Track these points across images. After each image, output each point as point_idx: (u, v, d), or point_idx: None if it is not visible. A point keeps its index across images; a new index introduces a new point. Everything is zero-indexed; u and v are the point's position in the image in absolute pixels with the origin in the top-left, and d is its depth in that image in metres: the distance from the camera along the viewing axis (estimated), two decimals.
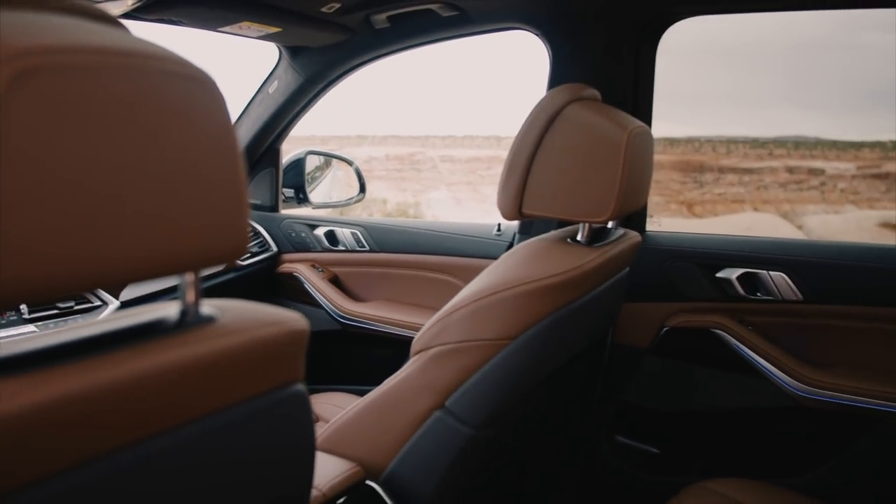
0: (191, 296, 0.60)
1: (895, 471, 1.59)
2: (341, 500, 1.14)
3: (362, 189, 2.28)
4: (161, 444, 0.55)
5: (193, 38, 1.69)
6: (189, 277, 0.60)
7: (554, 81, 1.76)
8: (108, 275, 0.48)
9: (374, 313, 2.02)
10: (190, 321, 0.60)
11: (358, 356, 2.12)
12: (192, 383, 0.56)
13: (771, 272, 1.67)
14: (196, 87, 0.53)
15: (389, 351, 2.01)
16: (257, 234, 2.21)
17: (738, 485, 1.51)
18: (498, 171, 1.28)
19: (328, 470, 1.17)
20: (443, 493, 1.20)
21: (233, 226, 0.57)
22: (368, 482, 1.19)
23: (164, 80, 0.50)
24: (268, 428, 0.66)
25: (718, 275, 1.72)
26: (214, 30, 1.67)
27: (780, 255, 1.68)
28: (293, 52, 2.03)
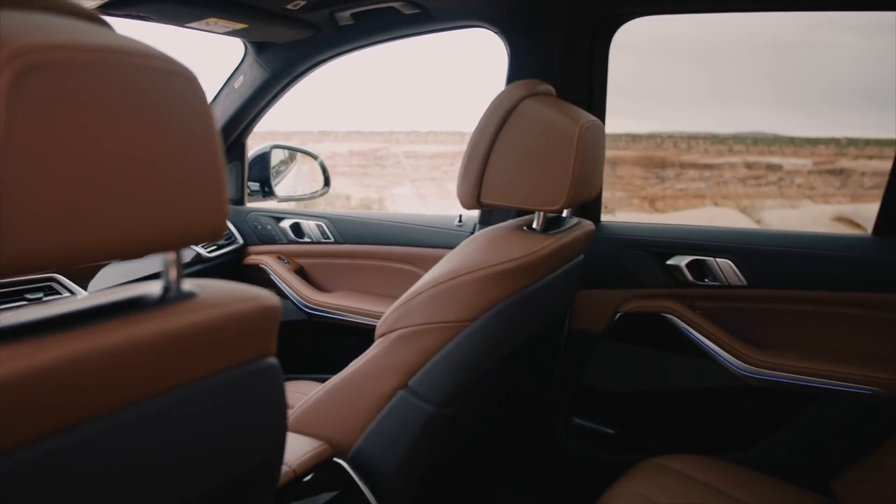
0: (173, 273, 0.65)
1: (832, 443, 1.70)
2: (310, 476, 1.20)
3: (327, 183, 2.33)
4: (146, 409, 0.60)
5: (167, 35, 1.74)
6: (171, 256, 0.65)
7: (512, 77, 1.84)
8: (98, 251, 0.53)
9: (340, 303, 2.08)
10: (172, 297, 0.64)
11: (324, 345, 2.17)
12: (175, 353, 0.61)
13: (718, 259, 1.77)
14: (179, 81, 0.58)
15: (355, 339, 2.07)
16: None
17: (687, 460, 1.61)
18: None
19: (298, 448, 1.23)
20: (407, 469, 1.27)
21: (212, 208, 0.62)
22: (336, 459, 1.25)
23: (151, 76, 0.55)
24: (244, 397, 0.72)
25: (669, 262, 1.82)
26: (182, 25, 1.71)
27: (726, 243, 1.79)
28: (259, 47, 2.07)
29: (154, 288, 0.65)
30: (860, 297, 1.69)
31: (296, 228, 2.25)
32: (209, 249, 2.15)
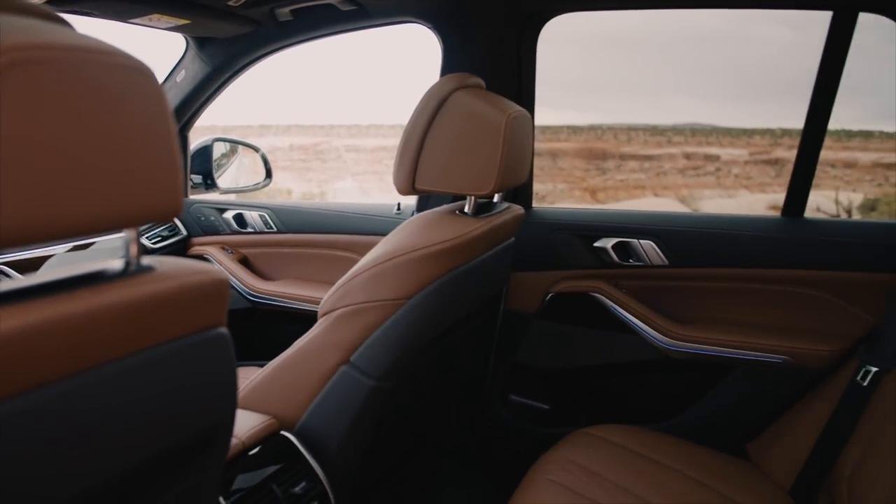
0: (133, 249, 0.72)
1: (748, 409, 1.86)
2: (258, 448, 1.29)
3: (269, 175, 2.40)
4: (106, 372, 0.66)
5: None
6: (132, 233, 0.72)
7: (445, 70, 1.94)
8: (71, 227, 0.60)
9: (283, 290, 2.16)
10: (132, 270, 0.71)
11: (268, 332, 2.25)
12: (137, 320, 0.68)
13: (641, 241, 1.92)
14: (139, 76, 0.65)
15: (298, 325, 2.13)
16: None
17: (615, 429, 1.75)
18: None
19: (246, 423, 1.31)
20: (351, 441, 1.36)
21: (169, 189, 0.69)
22: (283, 433, 1.33)
23: (114, 71, 0.63)
24: (198, 362, 0.79)
25: (596, 244, 1.95)
26: (125, 21, 1.76)
27: (649, 226, 1.93)
28: (200, 42, 2.13)
29: (115, 263, 0.72)
30: (771, 274, 1.85)
31: (239, 219, 2.32)
32: (154, 241, 2.20)
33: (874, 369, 1.60)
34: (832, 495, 1.53)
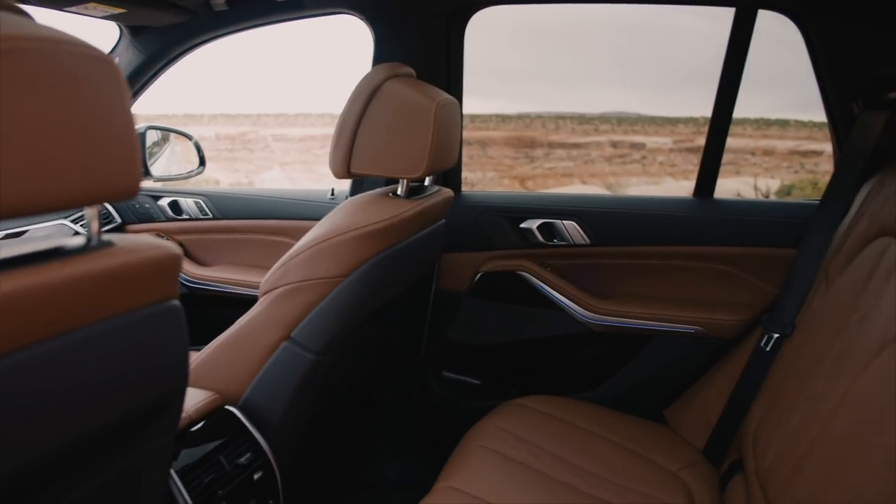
0: (94, 226, 0.78)
1: (664, 377, 2.02)
2: (204, 422, 1.35)
3: (202, 163, 2.43)
4: (68, 341, 0.71)
5: None
6: (93, 210, 0.78)
7: (377, 60, 2.03)
8: (32, 204, 0.65)
9: (220, 275, 2.22)
10: (94, 245, 0.77)
11: (205, 316, 2.30)
12: (97, 292, 0.74)
13: (564, 221, 2.06)
14: (101, 65, 0.71)
15: (235, 310, 2.20)
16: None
17: (543, 400, 1.88)
18: None
19: (192, 398, 1.38)
20: (292, 414, 1.45)
21: (128, 170, 0.75)
22: (227, 407, 1.41)
23: (79, 60, 0.68)
24: (154, 332, 0.85)
25: (522, 226, 2.08)
26: (60, 9, 1.77)
27: (571, 207, 2.07)
28: (134, 31, 2.15)
29: (76, 239, 0.77)
30: (684, 251, 2.01)
31: (174, 206, 2.35)
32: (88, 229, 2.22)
33: (776, 335, 1.77)
34: (740, 451, 1.69)
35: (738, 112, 2.05)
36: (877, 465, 1.04)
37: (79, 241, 0.77)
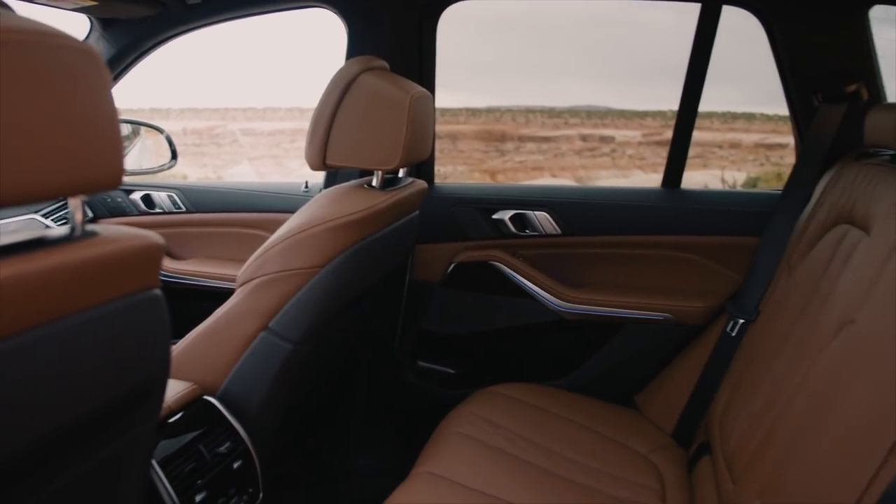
0: (79, 216, 0.79)
1: (634, 363, 2.08)
2: (183, 412, 1.37)
3: (174, 156, 2.43)
4: (53, 329, 0.72)
5: None
6: (77, 201, 0.78)
7: (351, 53, 2.06)
8: (19, 194, 0.66)
9: (194, 269, 2.23)
10: (78, 235, 0.78)
11: (180, 310, 2.30)
12: (83, 280, 0.75)
13: (536, 212, 2.10)
14: (85, 57, 0.72)
15: (210, 303, 2.21)
16: None
17: (517, 387, 1.92)
18: (302, 143, 1.57)
19: (171, 389, 1.39)
20: (270, 403, 1.47)
21: (111, 161, 0.76)
22: (206, 397, 1.43)
23: (63, 52, 0.70)
24: (137, 321, 0.87)
25: (494, 216, 2.13)
26: (30, 1, 1.78)
27: (543, 198, 2.12)
28: (105, 23, 2.13)
29: (60, 230, 0.78)
30: (652, 240, 2.07)
31: (146, 200, 2.36)
32: (60, 223, 2.22)
33: (741, 321, 1.84)
34: (708, 433, 1.75)
35: (706, 106, 2.11)
36: (832, 441, 1.10)
37: (62, 231, 0.78)
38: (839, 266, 1.46)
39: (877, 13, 1.95)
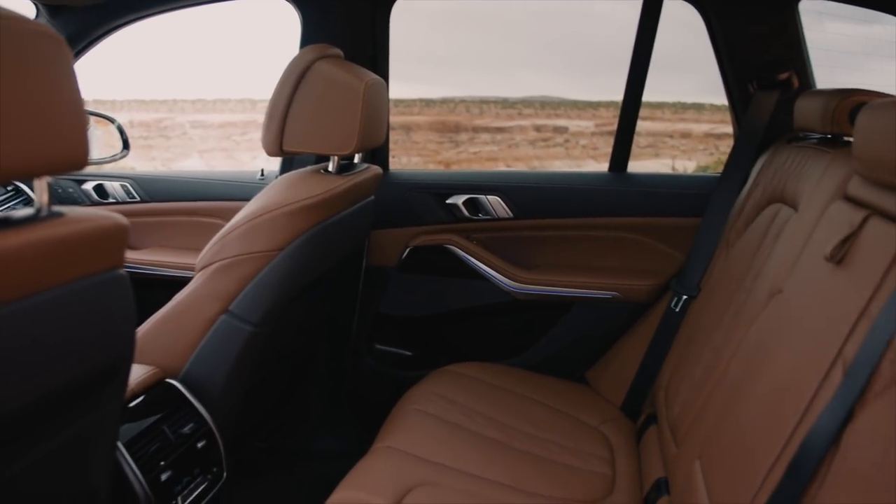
0: (45, 197, 0.82)
1: (585, 340, 2.18)
2: (146, 395, 1.40)
3: (126, 146, 2.42)
4: (21, 306, 0.75)
5: None
6: (43, 182, 0.82)
7: (305, 42, 2.11)
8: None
9: (150, 258, 2.25)
10: (44, 215, 0.81)
11: (138, 300, 2.33)
12: (50, 258, 0.79)
13: (488, 196, 2.19)
14: (50, 41, 0.76)
15: (167, 292, 2.25)
16: (20, 191, 2.28)
17: (472, 366, 2.01)
18: (254, 136, 1.63)
19: (133, 373, 1.42)
20: (232, 385, 1.52)
21: (76, 143, 0.80)
22: (168, 380, 1.47)
23: (30, 37, 0.73)
24: (103, 299, 0.91)
25: (448, 201, 2.21)
26: None
27: (495, 183, 2.20)
28: (52, 10, 2.11)
29: (27, 210, 0.82)
30: (600, 222, 2.18)
31: (99, 190, 2.37)
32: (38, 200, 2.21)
33: (684, 297, 1.96)
34: (654, 405, 1.85)
35: (657, 96, 2.23)
36: (761, 399, 1.21)
37: (28, 211, 0.81)
38: (771, 242, 1.57)
39: (817, 7, 2.09)
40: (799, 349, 1.16)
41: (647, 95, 2.21)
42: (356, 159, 1.83)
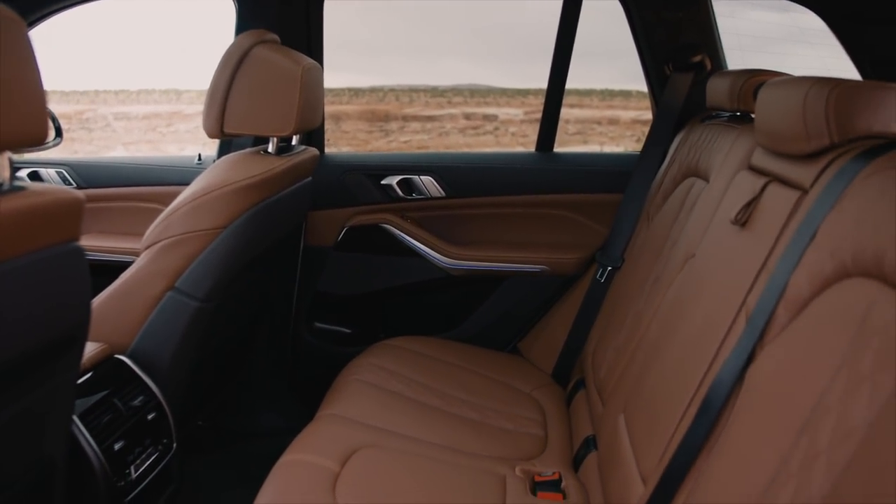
0: (5, 172, 0.87)
1: (517, 312, 2.30)
2: (95, 369, 1.46)
3: (59, 133, 2.42)
4: None
5: None
6: (3, 159, 0.86)
7: (241, 28, 2.15)
8: None
9: (90, 244, 2.26)
10: (6, 189, 0.86)
11: None
12: (13, 229, 0.84)
13: (422, 177, 2.29)
14: (10, 23, 0.80)
15: (107, 278, 2.27)
16: None
17: (410, 339, 2.10)
18: (180, 127, 1.68)
19: None
20: (179, 358, 1.59)
21: (37, 120, 0.85)
22: (117, 356, 1.53)
23: None
24: (62, 269, 0.97)
25: (383, 182, 2.30)
26: None
27: (428, 164, 2.30)
28: None
29: None
30: (529, 199, 2.31)
31: (34, 177, 2.35)
32: None
33: (608, 268, 2.09)
34: (583, 370, 1.98)
35: (586, 83, 2.36)
36: (675, 354, 1.34)
37: None
38: (687, 213, 1.71)
39: None
40: (709, 304, 1.29)
41: (576, 83, 2.34)
42: (294, 141, 1.90)
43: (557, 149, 2.40)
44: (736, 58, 2.27)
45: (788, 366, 0.95)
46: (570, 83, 2.32)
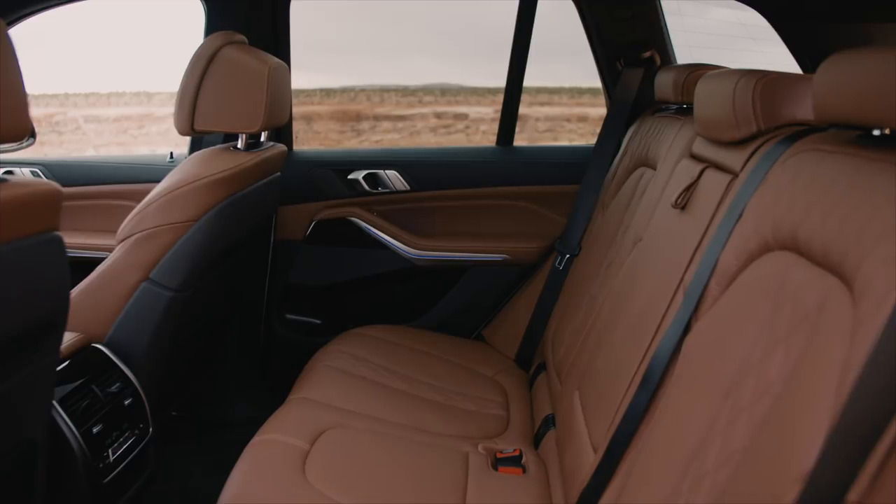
0: None
1: (480, 301, 2.38)
2: (73, 358, 1.51)
3: (32, 134, 2.45)
4: None
5: None
6: None
7: (210, 29, 2.21)
8: None
9: (67, 241, 2.30)
10: None
11: None
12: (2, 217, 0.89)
13: (387, 171, 2.36)
14: None
15: (81, 275, 2.30)
16: None
17: (377, 328, 2.17)
18: (151, 129, 1.74)
19: None
20: (154, 347, 1.64)
21: (18, 114, 0.90)
22: (94, 345, 1.58)
23: None
24: (41, 257, 1.02)
25: (350, 177, 2.37)
26: None
27: (393, 159, 2.38)
28: None
29: None
30: (490, 192, 2.39)
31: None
32: None
33: (567, 256, 2.18)
34: (543, 354, 2.06)
35: (554, 81, 2.44)
36: (624, 331, 1.42)
37: None
38: (637, 200, 1.80)
39: None
40: (652, 283, 1.37)
41: (546, 81, 2.42)
42: (262, 138, 1.96)
43: (523, 142, 2.49)
44: (697, 55, 2.35)
45: (718, 335, 1.03)
46: (541, 81, 2.42)
